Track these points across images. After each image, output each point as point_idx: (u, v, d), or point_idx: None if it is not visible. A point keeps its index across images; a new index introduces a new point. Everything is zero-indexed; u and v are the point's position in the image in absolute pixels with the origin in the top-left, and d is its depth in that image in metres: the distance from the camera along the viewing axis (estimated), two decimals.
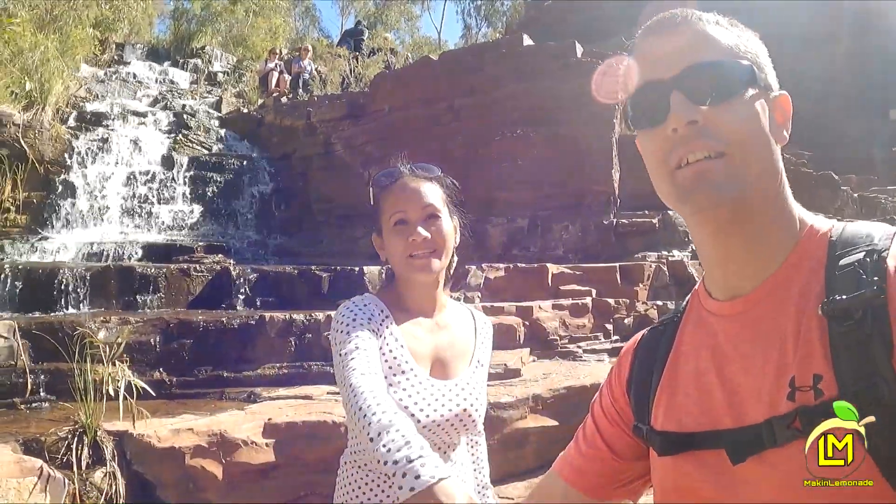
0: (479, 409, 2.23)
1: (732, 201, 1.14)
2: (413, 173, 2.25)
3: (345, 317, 2.10)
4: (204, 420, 4.87)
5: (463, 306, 2.44)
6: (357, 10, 43.32)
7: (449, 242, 2.21)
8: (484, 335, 2.38)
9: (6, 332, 5.84)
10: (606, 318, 8.32)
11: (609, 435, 1.47)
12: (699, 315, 1.31)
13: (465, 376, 2.23)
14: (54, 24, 15.35)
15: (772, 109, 1.21)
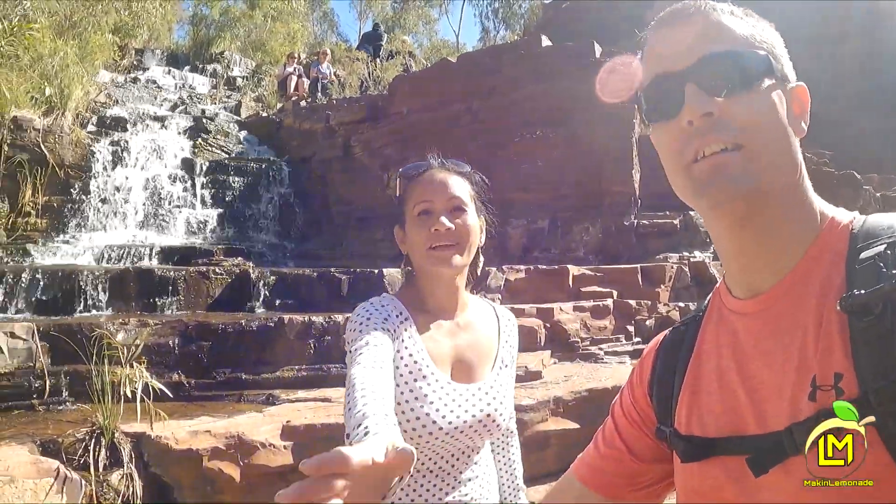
0: (504, 413, 2.14)
1: (749, 195, 1.10)
2: (442, 166, 2.18)
3: (360, 316, 2.03)
4: (222, 422, 4.84)
5: (486, 304, 2.35)
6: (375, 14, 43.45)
7: (473, 238, 2.12)
8: (508, 334, 2.29)
9: (25, 334, 5.84)
10: (628, 319, 8.24)
11: (629, 436, 1.44)
12: (720, 313, 1.27)
13: (489, 380, 2.15)
14: (73, 31, 15.44)
15: (789, 101, 1.17)
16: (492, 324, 2.27)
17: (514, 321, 2.36)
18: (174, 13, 26.42)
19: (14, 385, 5.67)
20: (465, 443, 2.08)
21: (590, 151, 10.76)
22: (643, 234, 10.72)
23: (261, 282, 7.97)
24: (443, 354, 2.11)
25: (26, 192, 11.42)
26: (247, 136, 15.84)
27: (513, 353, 2.29)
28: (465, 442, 2.07)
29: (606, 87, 10.87)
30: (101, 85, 15.94)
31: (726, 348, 1.21)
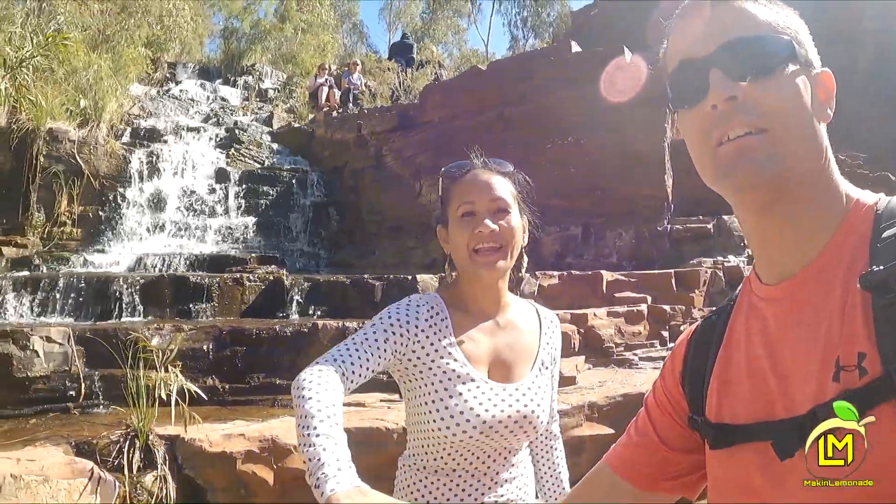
0: (542, 415, 2.13)
1: (773, 178, 1.11)
2: (485, 166, 2.19)
3: (382, 313, 2.08)
4: (256, 426, 4.83)
5: (528, 304, 2.34)
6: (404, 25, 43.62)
7: (516, 239, 2.12)
8: (549, 334, 2.29)
9: (61, 339, 5.89)
10: (662, 325, 8.17)
11: (661, 425, 1.45)
12: (750, 301, 1.27)
13: (528, 380, 2.14)
14: (107, 44, 15.65)
15: (814, 86, 1.17)
16: (533, 325, 2.27)
17: (556, 323, 2.35)
18: (205, 27, 26.68)
19: (49, 388, 5.73)
20: (501, 443, 2.07)
21: (622, 156, 10.70)
22: (677, 239, 10.64)
23: (294, 288, 7.99)
24: (480, 354, 2.11)
25: (62, 202, 11.57)
26: (279, 147, 15.94)
27: (554, 354, 2.29)
28: (501, 442, 2.06)
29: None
30: (135, 98, 16.13)
31: (756, 336, 1.21)
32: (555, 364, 2.29)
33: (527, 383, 2.12)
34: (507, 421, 2.03)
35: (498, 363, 2.13)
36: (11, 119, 11.41)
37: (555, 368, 2.29)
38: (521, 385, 2.11)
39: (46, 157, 11.59)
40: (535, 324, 2.27)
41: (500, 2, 44.87)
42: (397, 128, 13.98)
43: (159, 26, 20.29)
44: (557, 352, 2.31)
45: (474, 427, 1.97)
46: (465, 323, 2.14)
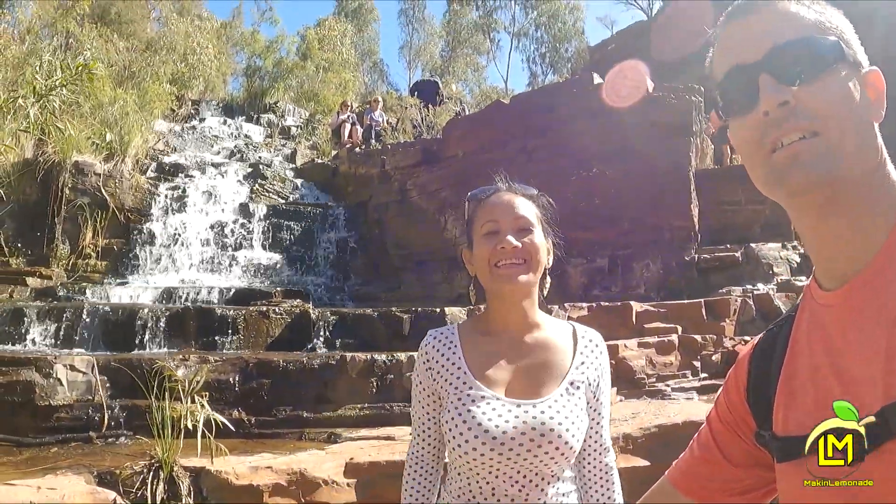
0: (569, 436, 2.00)
1: (828, 181, 1.09)
2: (510, 188, 2.18)
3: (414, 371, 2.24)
4: (283, 458, 4.73)
5: (566, 324, 2.24)
6: (424, 63, 44.10)
7: (540, 256, 2.08)
8: (586, 355, 2.15)
9: (84, 367, 5.84)
10: (693, 355, 8.03)
11: (724, 441, 1.43)
12: (811, 309, 1.24)
13: (551, 398, 2.04)
14: (132, 80, 15.88)
15: (863, 86, 1.15)
16: (566, 344, 2.17)
17: (597, 343, 2.22)
18: (228, 65, 27.15)
19: (72, 417, 5.67)
20: (526, 466, 1.99)
21: (647, 187, 10.61)
22: (704, 269, 10.52)
23: (321, 321, 7.89)
24: (497, 373, 2.08)
25: (87, 234, 11.65)
26: (303, 182, 15.98)
27: (593, 376, 2.15)
28: (525, 465, 1.98)
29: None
30: (159, 133, 16.30)
31: (818, 343, 1.18)
32: (597, 388, 2.15)
33: (549, 401, 2.03)
34: (520, 437, 1.95)
35: (519, 382, 2.07)
36: (38, 152, 11.55)
37: (598, 393, 2.16)
38: (540, 402, 2.03)
39: (72, 190, 11.70)
40: (569, 343, 2.17)
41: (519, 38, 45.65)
42: (421, 162, 13.94)
43: (183, 64, 20.58)
44: (601, 374, 2.17)
45: (483, 443, 1.94)
46: (482, 345, 2.13)
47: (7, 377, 5.66)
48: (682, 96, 11.27)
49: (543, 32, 45.34)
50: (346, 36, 30.99)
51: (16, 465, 4.70)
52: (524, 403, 2.01)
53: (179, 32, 22.03)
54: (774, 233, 11.14)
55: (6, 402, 5.57)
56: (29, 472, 4.40)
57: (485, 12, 45.92)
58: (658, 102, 11.09)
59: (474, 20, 46.12)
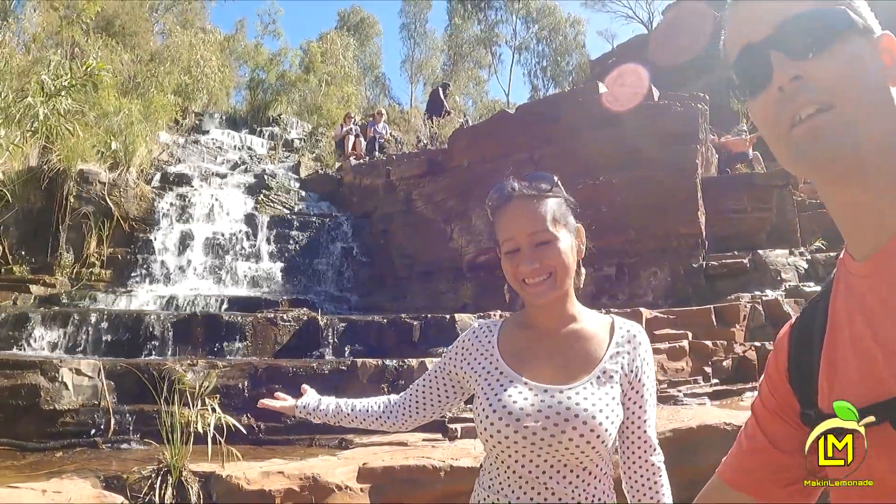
0: (595, 424, 1.94)
1: (847, 151, 1.08)
2: (524, 190, 2.10)
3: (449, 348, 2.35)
4: (295, 463, 4.64)
5: (605, 317, 2.20)
6: (426, 77, 44.17)
7: (566, 264, 2.05)
8: (623, 345, 2.10)
9: (91, 372, 5.74)
10: (705, 360, 7.99)
11: (770, 427, 1.38)
12: (847, 281, 1.23)
13: (579, 384, 2.01)
14: (137, 91, 15.86)
15: (876, 52, 1.14)
16: (601, 335, 2.13)
17: (636, 334, 2.15)
18: (232, 78, 27.19)
19: (78, 422, 5.58)
20: (555, 454, 1.95)
21: (654, 194, 10.55)
22: (712, 276, 10.49)
23: (329, 329, 7.79)
24: (528, 362, 2.09)
25: (91, 243, 11.57)
26: (307, 193, 15.92)
27: (630, 367, 2.08)
28: (555, 451, 1.95)
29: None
30: (163, 144, 16.28)
31: (857, 314, 1.16)
32: (635, 380, 2.08)
33: (577, 388, 2.00)
34: (544, 420, 1.94)
35: (549, 370, 2.06)
36: (43, 159, 11.50)
37: (638, 386, 2.08)
38: (568, 388, 2.00)
39: (77, 198, 11.63)
40: (605, 336, 2.12)
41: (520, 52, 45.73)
42: (426, 173, 13.87)
43: (187, 76, 20.61)
44: (640, 367, 2.09)
45: (507, 424, 1.95)
46: (518, 336, 2.17)
47: (11, 381, 5.56)
48: (688, 104, 11.25)
49: (545, 46, 45.53)
50: (349, 50, 31.08)
51: (20, 469, 4.60)
52: (551, 388, 2.00)
53: (183, 44, 22.10)
54: (780, 239, 11.11)
55: (10, 406, 5.47)
56: (33, 475, 4.31)
57: (486, 26, 46.01)
58: (664, 111, 11.07)
59: (476, 34, 46.24)
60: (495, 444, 1.98)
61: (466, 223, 12.43)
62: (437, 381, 2.31)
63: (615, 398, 2.02)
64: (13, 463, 4.79)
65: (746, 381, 8.08)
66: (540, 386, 2.01)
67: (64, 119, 9.46)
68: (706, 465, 5.32)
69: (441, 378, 2.30)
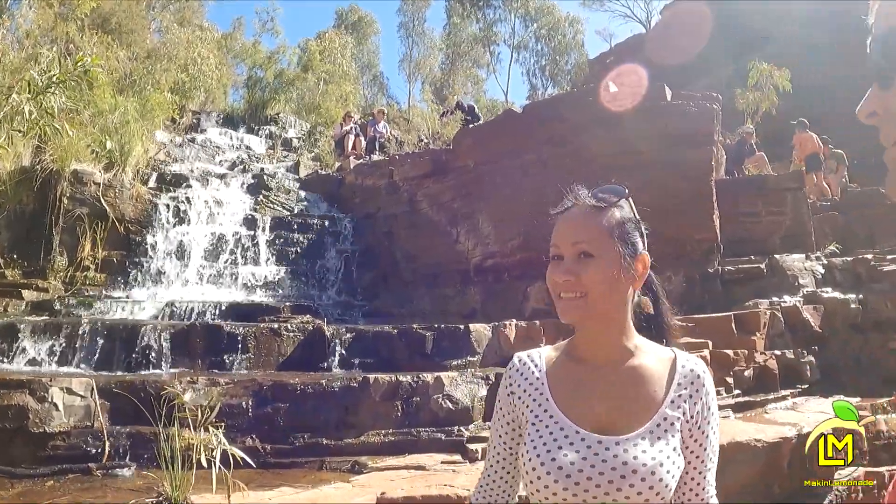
0: (664, 477, 1.73)
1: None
2: (582, 201, 1.90)
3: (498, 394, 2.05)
4: (307, 494, 4.31)
5: (666, 351, 1.94)
6: (424, 76, 44.05)
7: (606, 285, 1.82)
8: (684, 387, 1.86)
9: (83, 391, 5.37)
10: (726, 371, 7.79)
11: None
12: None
13: (639, 434, 1.78)
14: (133, 89, 15.62)
15: None
16: (661, 375, 1.90)
17: (699, 374, 1.90)
18: (229, 76, 27.05)
19: (70, 446, 5.20)
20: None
21: (668, 197, 10.22)
22: (728, 281, 10.31)
23: (336, 339, 7.46)
24: (581, 405, 1.86)
25: (85, 245, 11.25)
26: (307, 194, 15.67)
27: (690, 412, 1.85)
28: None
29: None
30: (160, 144, 16.02)
31: None
32: (696, 428, 1.84)
33: (634, 439, 1.78)
34: (598, 477, 1.73)
35: (604, 416, 1.83)
36: (35, 159, 11.19)
37: (699, 435, 1.85)
38: (624, 440, 1.78)
39: (70, 200, 11.32)
40: (666, 373, 1.89)
41: (519, 51, 45.62)
42: (431, 173, 13.54)
43: (184, 74, 20.43)
44: (701, 412, 1.86)
45: (555, 480, 1.75)
46: (568, 372, 1.93)
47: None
48: (702, 104, 10.94)
49: (543, 45, 45.40)
50: (347, 48, 30.85)
51: (8, 501, 4.24)
52: (606, 440, 1.78)
53: (181, 42, 21.86)
54: (794, 244, 10.88)
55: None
56: None
57: (485, 25, 45.83)
58: (677, 111, 10.79)
59: (474, 33, 46.09)
60: (541, 500, 1.78)
61: (473, 225, 12.16)
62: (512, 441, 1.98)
63: (676, 448, 1.81)
64: (1, 494, 4.41)
65: (768, 392, 7.93)
66: (594, 437, 1.79)
67: (53, 117, 9.09)
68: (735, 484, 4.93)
69: (509, 430, 1.98)
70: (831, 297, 9.62)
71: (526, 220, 9.50)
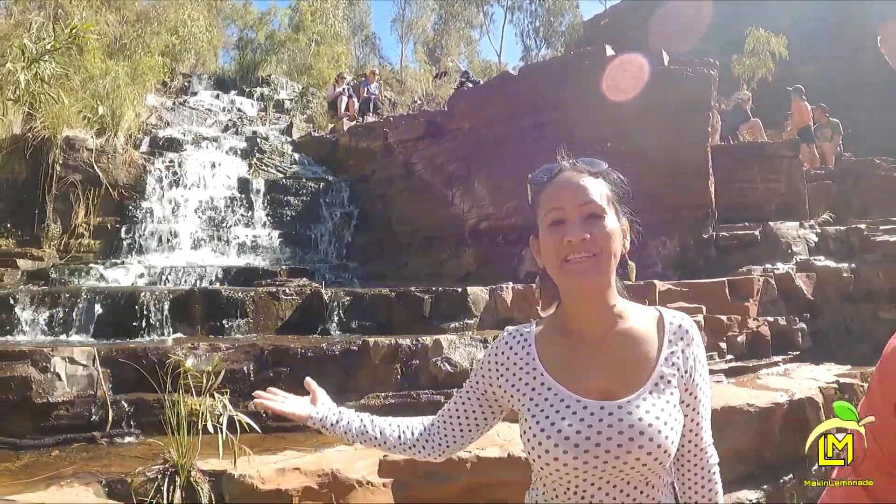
0: (661, 438, 1.77)
1: None
2: (574, 167, 1.95)
3: (480, 360, 2.14)
4: (311, 457, 4.33)
5: (652, 311, 1.99)
6: (416, 37, 43.68)
7: (614, 246, 1.86)
8: (675, 343, 1.92)
9: (85, 360, 5.34)
10: (719, 336, 7.84)
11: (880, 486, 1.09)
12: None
13: (637, 396, 1.83)
14: (123, 53, 15.46)
15: None
16: (651, 335, 1.94)
17: (688, 329, 1.96)
18: (220, 38, 26.81)
19: (73, 415, 5.18)
20: (614, 473, 1.80)
21: (663, 163, 10.20)
22: (723, 247, 10.30)
23: (334, 303, 7.46)
24: (577, 374, 1.89)
25: (79, 213, 11.23)
26: (301, 157, 15.56)
27: (683, 367, 1.91)
28: (613, 472, 1.80)
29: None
30: (151, 108, 15.87)
31: None
32: (690, 381, 1.91)
33: (636, 401, 1.82)
34: (606, 442, 1.76)
35: (601, 382, 1.86)
36: (26, 127, 11.11)
37: (693, 387, 1.91)
38: (626, 402, 1.82)
39: (63, 167, 11.26)
40: (655, 333, 1.94)
41: (512, 12, 45.11)
42: (425, 135, 13.48)
43: (174, 36, 20.20)
44: (693, 365, 1.92)
45: (564, 451, 1.77)
46: (559, 344, 1.96)
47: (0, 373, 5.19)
48: (699, 70, 10.87)
49: (538, 6, 44.88)
50: (339, 9, 30.54)
51: (14, 473, 4.22)
52: (608, 405, 1.81)
53: (170, 4, 21.52)
54: (789, 212, 10.88)
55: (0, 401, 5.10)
56: (30, 482, 3.94)
57: None
58: (674, 76, 10.73)
59: None
60: (552, 472, 1.81)
61: (468, 188, 12.14)
62: (472, 404, 2.09)
63: (675, 405, 1.86)
64: (7, 466, 4.41)
65: (760, 358, 8.00)
66: (595, 403, 1.82)
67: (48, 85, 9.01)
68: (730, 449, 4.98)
69: (476, 399, 2.08)
70: (824, 265, 9.66)
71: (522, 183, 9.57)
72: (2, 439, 4.87)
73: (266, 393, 2.27)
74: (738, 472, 5.53)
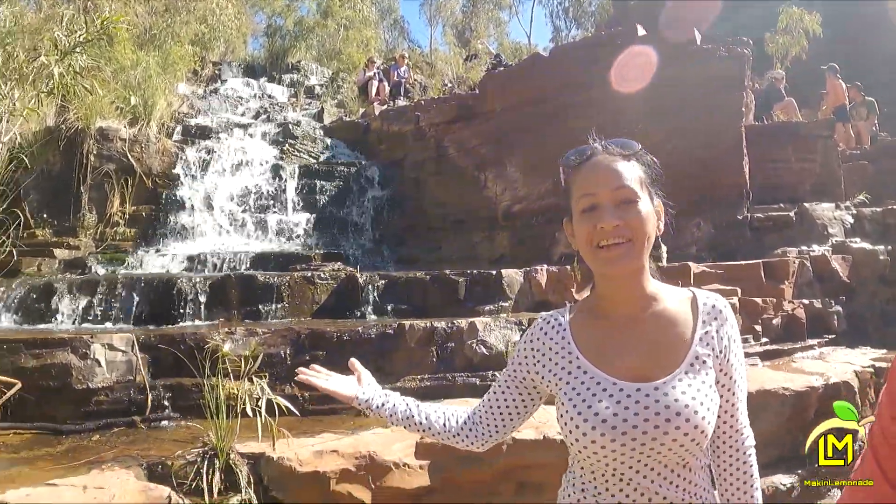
0: (698, 419, 1.79)
1: None
2: (606, 150, 1.95)
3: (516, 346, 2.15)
4: (348, 440, 4.36)
5: (685, 292, 2.02)
6: (445, 19, 43.49)
7: (647, 229, 1.87)
8: (710, 324, 1.94)
9: (124, 346, 5.41)
10: (754, 318, 7.74)
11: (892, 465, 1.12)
12: None
13: (673, 377, 1.85)
14: (153, 43, 15.56)
15: None
16: (685, 316, 1.96)
17: (721, 309, 1.98)
18: (249, 25, 26.89)
19: (113, 400, 5.26)
20: (651, 455, 1.81)
21: (697, 143, 10.12)
22: (757, 229, 10.17)
23: (369, 286, 7.53)
24: (612, 357, 1.91)
25: (114, 202, 11.34)
26: (333, 142, 15.58)
27: (718, 347, 1.93)
28: (650, 455, 1.81)
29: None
30: (183, 96, 15.97)
31: None
32: (725, 361, 1.92)
33: (671, 382, 1.84)
34: (643, 424, 1.78)
35: (637, 364, 1.88)
36: (60, 119, 11.24)
37: (728, 367, 1.93)
38: (662, 383, 1.84)
39: (97, 157, 11.36)
40: (690, 313, 1.96)
41: None
42: (457, 118, 13.46)
43: (203, 25, 20.29)
44: (728, 345, 1.94)
45: (602, 434, 1.78)
46: (594, 328, 1.98)
47: (40, 360, 5.23)
48: (733, 48, 10.74)
49: None
50: None
51: (56, 458, 4.29)
52: (644, 386, 1.83)
53: None
54: (824, 192, 10.74)
55: (41, 387, 5.14)
56: (72, 466, 4.00)
57: None
58: (707, 55, 10.61)
59: None
60: (589, 455, 1.83)
61: (501, 170, 12.12)
62: (512, 392, 2.12)
63: (711, 385, 1.88)
64: (48, 451, 4.48)
65: (796, 341, 7.91)
66: (631, 385, 1.84)
67: (81, 77, 9.09)
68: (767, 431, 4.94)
69: (516, 387, 2.11)
70: (860, 247, 9.55)
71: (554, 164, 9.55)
72: (43, 425, 4.95)
73: (309, 370, 2.30)
74: (772, 457, 5.49)
